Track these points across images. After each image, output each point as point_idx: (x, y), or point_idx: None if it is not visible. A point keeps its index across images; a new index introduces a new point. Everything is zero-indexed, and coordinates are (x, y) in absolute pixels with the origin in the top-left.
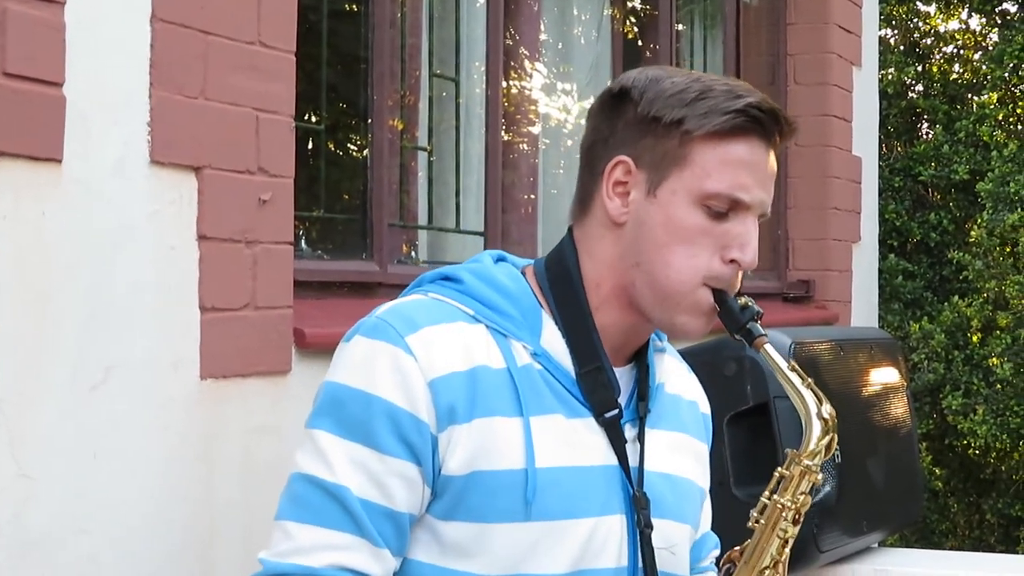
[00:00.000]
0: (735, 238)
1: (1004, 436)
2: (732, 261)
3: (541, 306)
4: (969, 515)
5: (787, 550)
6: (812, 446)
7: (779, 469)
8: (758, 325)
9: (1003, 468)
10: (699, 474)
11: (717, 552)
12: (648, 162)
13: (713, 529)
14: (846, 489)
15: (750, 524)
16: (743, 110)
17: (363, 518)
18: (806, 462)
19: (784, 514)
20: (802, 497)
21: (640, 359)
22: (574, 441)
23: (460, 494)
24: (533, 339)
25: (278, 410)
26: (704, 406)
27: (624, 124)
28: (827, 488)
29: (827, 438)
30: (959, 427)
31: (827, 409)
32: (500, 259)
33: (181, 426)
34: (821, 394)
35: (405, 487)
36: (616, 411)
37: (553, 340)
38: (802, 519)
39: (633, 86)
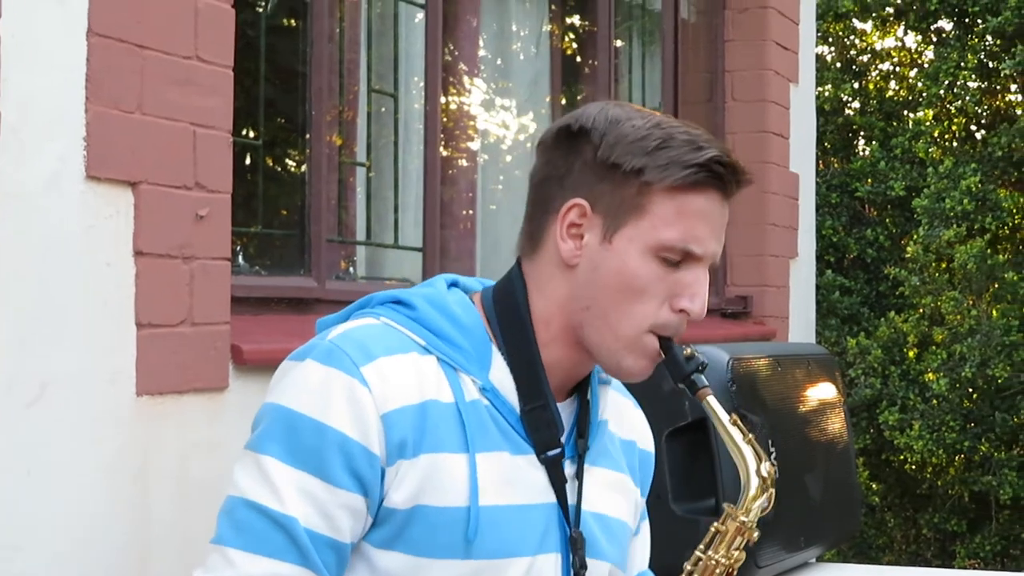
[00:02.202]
0: (686, 288)
1: (940, 451)
2: (681, 311)
3: (491, 339)
4: (906, 530)
5: None
6: (749, 503)
7: (714, 524)
8: (702, 376)
9: (939, 483)
10: (630, 515)
11: None
12: (604, 208)
13: (650, 544)
14: (784, 504)
15: None
16: (705, 164)
17: (309, 549)
18: (742, 518)
19: (717, 571)
20: (736, 553)
21: (581, 392)
22: (517, 479)
23: (401, 526)
24: (482, 374)
25: (215, 426)
26: (644, 443)
27: (582, 165)
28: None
29: (764, 495)
30: (896, 442)
31: (766, 467)
32: (453, 284)
33: (117, 442)
34: (761, 451)
35: (351, 518)
36: (558, 450)
37: (501, 375)
38: (736, 575)
39: (593, 127)
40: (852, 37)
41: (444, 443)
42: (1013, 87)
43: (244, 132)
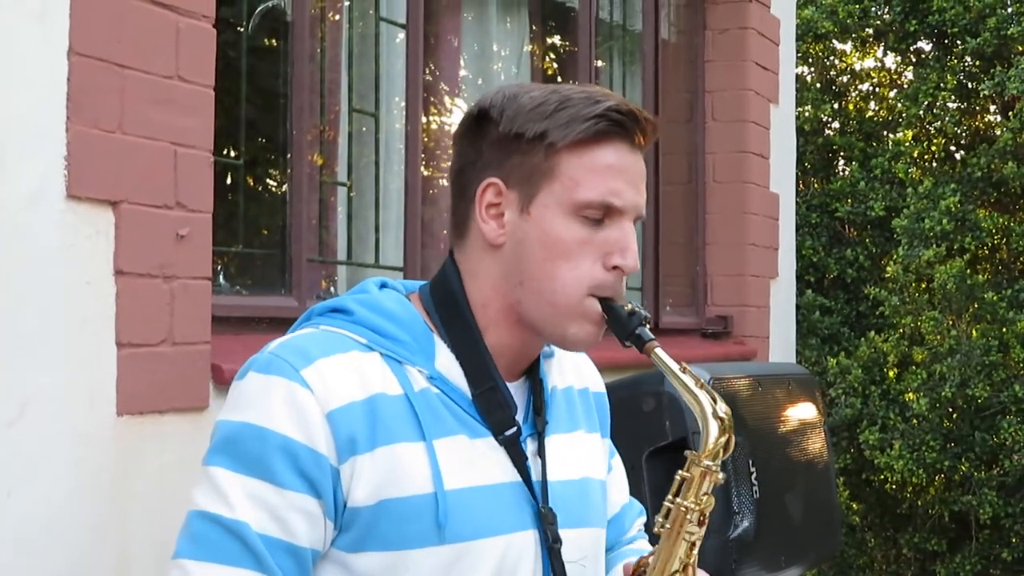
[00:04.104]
0: (614, 244)
1: (920, 471)
2: (615, 267)
3: (431, 330)
4: (886, 549)
5: (695, 552)
6: (711, 446)
7: (680, 472)
8: (647, 330)
9: (919, 502)
10: (600, 466)
11: (643, 519)
12: (517, 180)
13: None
14: (764, 524)
15: (656, 530)
16: (604, 114)
17: (264, 554)
18: (706, 462)
19: (689, 516)
20: (705, 498)
21: (531, 372)
22: (480, 461)
23: (370, 524)
24: (428, 363)
25: (195, 446)
26: (596, 386)
27: (488, 145)
28: (745, 523)
29: (724, 437)
30: (876, 462)
31: (722, 408)
32: (383, 285)
33: (97, 463)
34: (715, 394)
35: (305, 522)
36: (514, 429)
37: (447, 363)
38: (707, 520)
39: (492, 105)
40: (832, 58)
41: (399, 434)
42: (992, 108)
43: (225, 152)
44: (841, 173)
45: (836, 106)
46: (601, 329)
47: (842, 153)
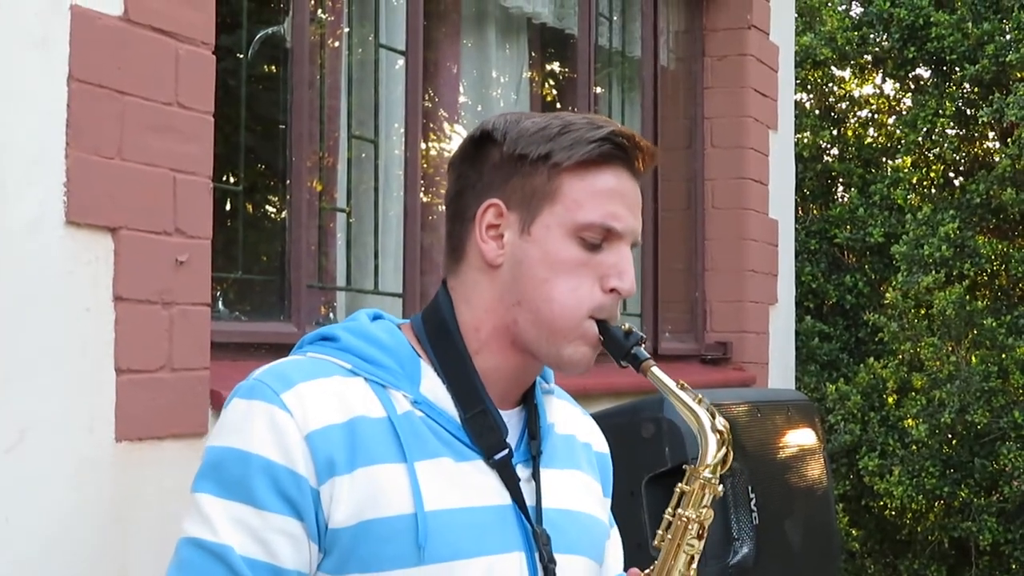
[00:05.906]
0: (612, 267)
1: (920, 497)
2: (612, 290)
3: (419, 356)
4: None
5: (694, 567)
6: (709, 459)
7: (679, 485)
8: (642, 349)
9: (919, 529)
10: (599, 510)
11: None
12: (518, 201)
13: None
14: (764, 550)
15: (655, 543)
16: (606, 138)
17: None
18: (705, 475)
19: (689, 527)
20: (704, 511)
21: (527, 401)
22: (464, 483)
23: (350, 546)
24: (412, 388)
25: (194, 472)
26: (599, 445)
27: (490, 167)
28: (745, 549)
29: (723, 451)
30: (875, 488)
31: (720, 422)
32: (377, 317)
33: (96, 489)
34: (713, 408)
35: (289, 544)
36: (506, 451)
37: (434, 387)
38: (706, 533)
39: (495, 128)
40: (831, 84)
41: (379, 455)
42: (991, 134)
43: (224, 178)
44: (840, 199)
45: (835, 132)
46: (596, 352)
47: (841, 179)
